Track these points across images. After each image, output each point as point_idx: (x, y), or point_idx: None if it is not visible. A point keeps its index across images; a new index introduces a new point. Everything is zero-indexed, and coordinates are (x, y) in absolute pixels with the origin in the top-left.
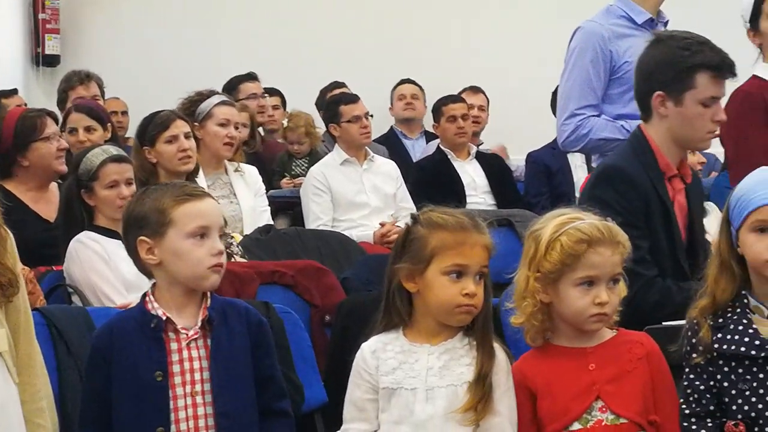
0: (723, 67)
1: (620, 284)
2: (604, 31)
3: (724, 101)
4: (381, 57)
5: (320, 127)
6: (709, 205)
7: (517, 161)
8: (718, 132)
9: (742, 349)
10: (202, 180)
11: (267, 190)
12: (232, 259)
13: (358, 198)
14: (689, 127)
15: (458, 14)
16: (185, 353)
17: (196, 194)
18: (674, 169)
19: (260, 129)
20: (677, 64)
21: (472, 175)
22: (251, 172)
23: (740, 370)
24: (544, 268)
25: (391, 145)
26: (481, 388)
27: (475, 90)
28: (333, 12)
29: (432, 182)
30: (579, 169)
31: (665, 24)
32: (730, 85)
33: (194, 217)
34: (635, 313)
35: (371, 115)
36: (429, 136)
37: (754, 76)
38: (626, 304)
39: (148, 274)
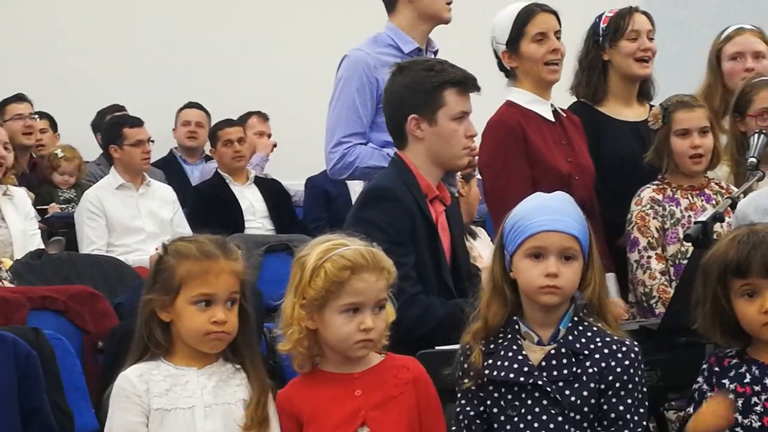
0: (467, 81)
1: (387, 309)
2: (370, 59)
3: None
4: (161, 79)
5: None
6: (479, 230)
7: (296, 186)
8: (476, 150)
9: (512, 375)
10: None
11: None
12: (0, 284)
13: (133, 223)
14: (446, 145)
15: (242, 39)
16: None
17: None
18: (435, 191)
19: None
20: (425, 85)
21: (250, 200)
22: (20, 194)
23: (509, 396)
24: (309, 296)
25: (171, 168)
26: (255, 404)
27: (261, 116)
28: (108, 34)
29: (210, 207)
30: (358, 195)
31: (435, 53)
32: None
33: None
34: (397, 329)
35: (152, 141)
36: (210, 161)
37: (509, 102)
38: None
39: None
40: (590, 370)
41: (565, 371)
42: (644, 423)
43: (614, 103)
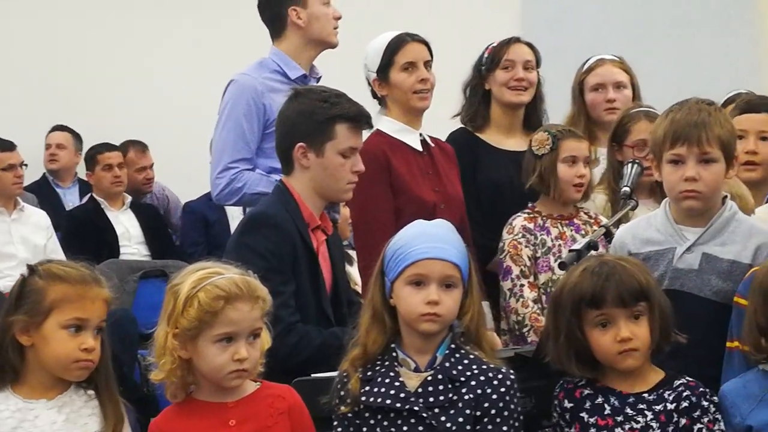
0: (360, 118)
1: (262, 337)
2: (258, 84)
3: None
4: (32, 101)
5: None
6: (354, 253)
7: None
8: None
9: (388, 401)
10: None
11: None
12: None
13: (5, 249)
14: (331, 178)
15: (117, 62)
16: None
17: None
18: (317, 221)
19: None
20: (317, 115)
21: (126, 225)
22: None
23: (385, 423)
24: (182, 325)
25: (44, 193)
26: None
27: (143, 147)
28: None
29: (84, 232)
30: (236, 220)
31: (318, 80)
32: None
33: None
34: (273, 357)
35: (25, 165)
36: (83, 184)
37: (377, 131)
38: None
39: None
40: (466, 397)
41: (441, 398)
42: None
43: (495, 131)
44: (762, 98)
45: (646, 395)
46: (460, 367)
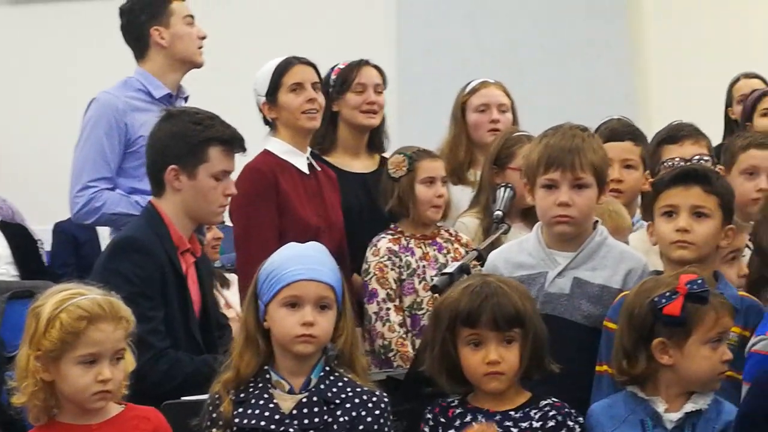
0: (234, 141)
1: (126, 359)
2: (120, 103)
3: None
4: None
5: None
6: (233, 277)
7: (43, 231)
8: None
9: (262, 423)
10: None
11: None
12: None
13: None
14: (203, 201)
15: None
16: None
17: None
18: (186, 243)
19: None
20: (190, 137)
21: None
22: None
23: None
24: (44, 347)
25: None
26: None
27: None
28: None
29: None
30: (107, 241)
31: (186, 99)
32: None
33: None
34: (144, 383)
35: None
36: None
37: (265, 151)
38: (136, 374)
39: None
40: (341, 420)
41: (317, 419)
42: None
43: (343, 153)
44: (626, 126)
45: (512, 413)
46: (335, 390)
